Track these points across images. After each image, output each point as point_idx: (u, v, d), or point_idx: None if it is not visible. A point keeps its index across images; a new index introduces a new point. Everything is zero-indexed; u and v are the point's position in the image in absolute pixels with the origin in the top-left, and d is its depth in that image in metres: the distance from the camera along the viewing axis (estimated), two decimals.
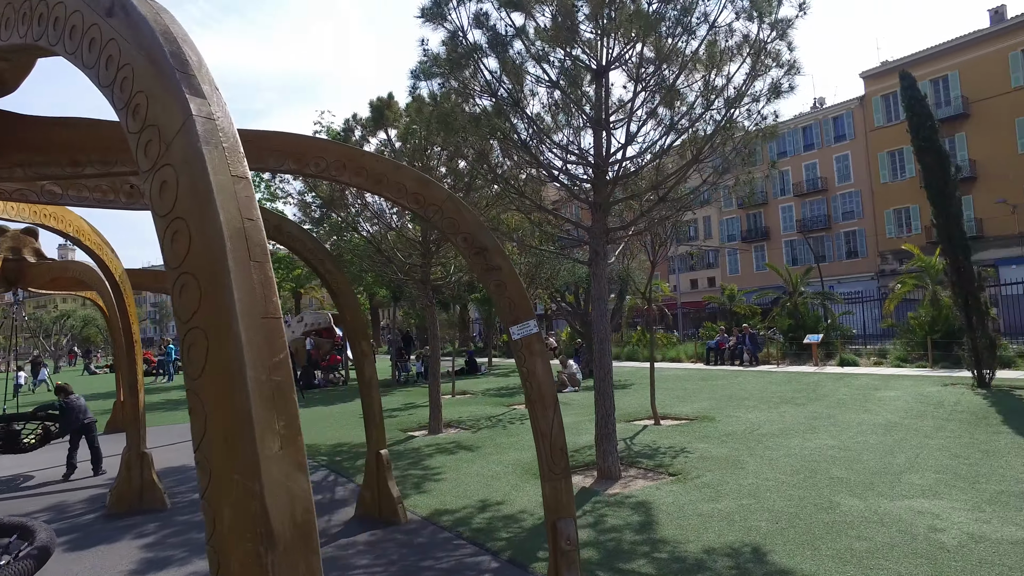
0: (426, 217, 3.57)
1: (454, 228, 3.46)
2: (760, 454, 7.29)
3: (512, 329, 3.48)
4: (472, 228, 3.45)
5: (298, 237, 5.25)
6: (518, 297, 3.48)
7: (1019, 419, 8.59)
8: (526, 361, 3.46)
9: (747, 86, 6.44)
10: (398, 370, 21.11)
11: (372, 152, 3.29)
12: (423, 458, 8.40)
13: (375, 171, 3.43)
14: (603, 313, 6.79)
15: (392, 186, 3.43)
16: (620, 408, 11.86)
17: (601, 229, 6.77)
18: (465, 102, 6.53)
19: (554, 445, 3.45)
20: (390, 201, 8.81)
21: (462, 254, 3.63)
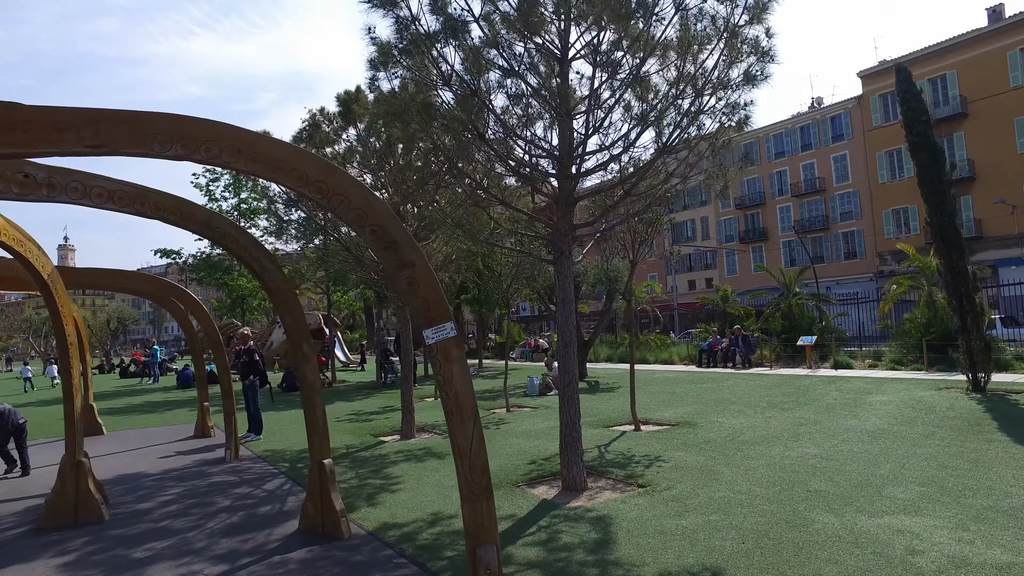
0: (331, 209, 3.19)
1: (362, 219, 3.08)
2: (737, 463, 6.89)
3: (426, 332, 3.10)
4: (382, 220, 3.07)
5: (229, 233, 4.87)
6: (433, 297, 3.10)
7: (1013, 426, 8.19)
8: (442, 368, 3.08)
9: (720, 73, 6.05)
10: (384, 372, 20.72)
11: (270, 136, 2.91)
12: (387, 465, 8.01)
13: (273, 157, 3.04)
14: (569, 315, 6.40)
15: (292, 174, 3.05)
16: (602, 412, 11.50)
17: (566, 226, 6.39)
18: (420, 93, 6.14)
19: (474, 463, 3.07)
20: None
21: (371, 248, 3.25)
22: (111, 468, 8.64)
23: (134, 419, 14.26)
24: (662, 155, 6.31)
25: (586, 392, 15.15)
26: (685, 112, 6.26)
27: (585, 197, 6.67)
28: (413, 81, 6.28)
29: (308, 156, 3.11)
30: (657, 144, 6.09)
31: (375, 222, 3.08)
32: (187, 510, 6.41)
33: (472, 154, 6.08)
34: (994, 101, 34.91)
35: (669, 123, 6.23)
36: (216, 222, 4.79)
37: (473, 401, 3.17)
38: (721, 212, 51.96)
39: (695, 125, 6.44)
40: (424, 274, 3.11)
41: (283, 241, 11.07)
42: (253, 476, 7.94)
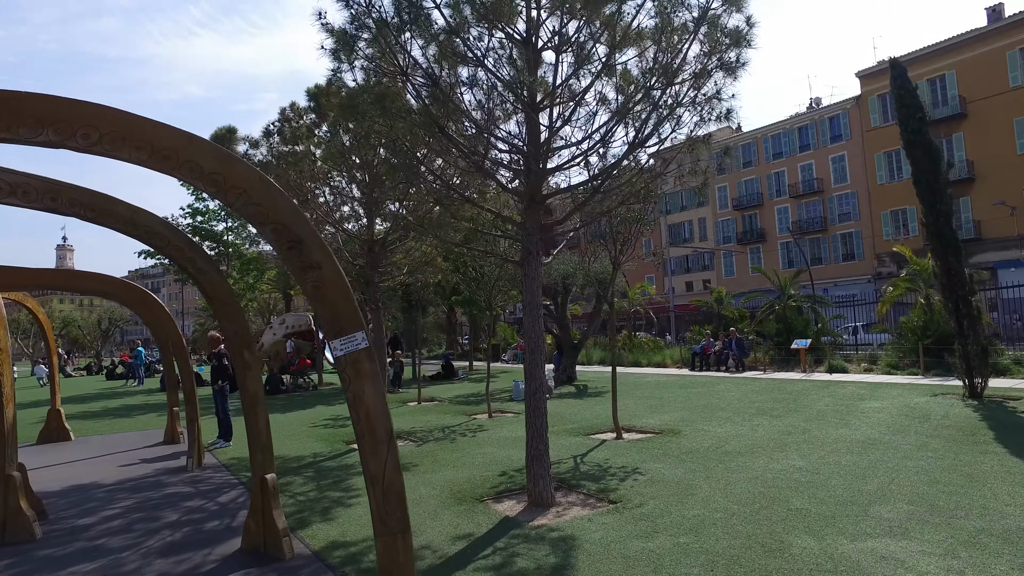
0: (228, 204, 2.81)
1: (262, 217, 2.70)
2: (717, 477, 6.49)
3: (334, 343, 2.71)
4: (284, 216, 2.70)
5: (158, 232, 4.49)
6: (343, 302, 2.72)
7: (1010, 435, 7.80)
8: (351, 384, 2.69)
9: (695, 62, 5.68)
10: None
11: (159, 121, 2.51)
12: (350, 476, 7.61)
13: (162, 146, 2.66)
14: (535, 320, 6.01)
15: (184, 165, 2.66)
16: (585, 419, 11.11)
17: (535, 225, 6.00)
18: (379, 84, 5.76)
19: (388, 492, 2.70)
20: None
21: (274, 248, 2.87)
22: (65, 478, 8.25)
23: (106, 424, 13.87)
24: (634, 150, 5.92)
25: (573, 396, 14.77)
26: (656, 102, 5.88)
27: (554, 195, 6.28)
28: (372, 72, 5.91)
29: (202, 144, 2.73)
30: (629, 138, 5.69)
31: (277, 219, 2.71)
32: (130, 526, 6.02)
33: (432, 149, 5.69)
34: (993, 101, 34.54)
35: (640, 115, 5.84)
36: (142, 219, 4.40)
37: (387, 422, 2.78)
38: (719, 213, 51.58)
39: (672, 119, 6.07)
40: (333, 277, 2.73)
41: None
42: (211, 487, 7.55)
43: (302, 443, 10.09)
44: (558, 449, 8.48)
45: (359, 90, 5.64)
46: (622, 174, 6.09)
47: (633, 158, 6.12)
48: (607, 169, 5.85)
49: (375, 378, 2.77)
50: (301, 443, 10.10)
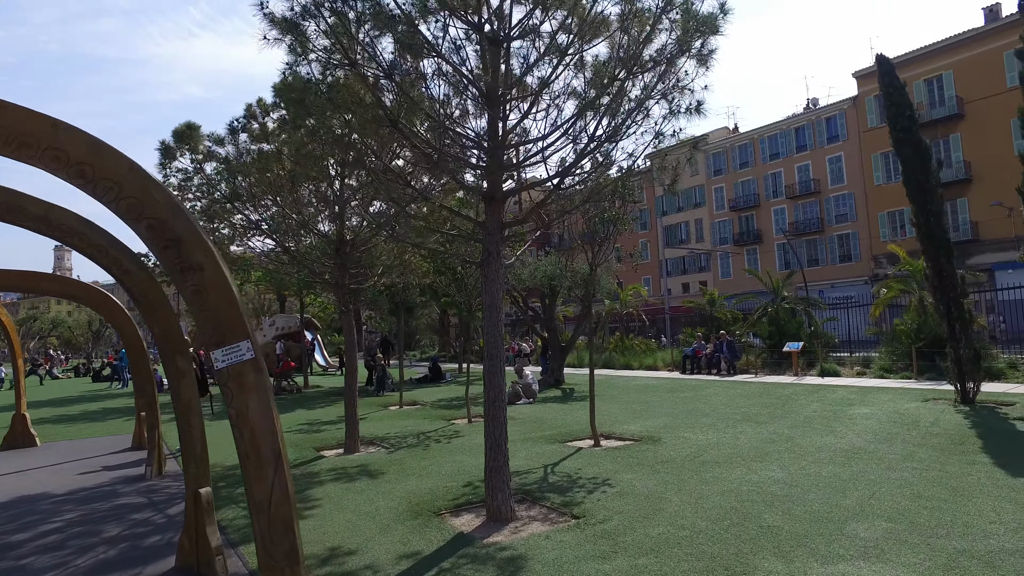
0: (98, 198, 2.48)
1: (137, 212, 2.40)
2: (690, 489, 6.17)
3: (215, 353, 2.40)
4: (162, 211, 2.39)
5: (75, 230, 4.17)
6: (227, 308, 2.41)
7: (999, 444, 7.47)
8: (234, 399, 2.38)
9: (662, 51, 5.36)
10: (373, 376, 19.68)
11: (18, 105, 2.20)
12: (312, 485, 7.28)
13: (21, 131, 2.34)
14: (495, 324, 5.69)
15: (47, 153, 2.35)
16: (564, 425, 10.78)
17: (495, 224, 5.67)
18: (329, 75, 5.44)
19: (274, 520, 2.36)
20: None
21: (148, 248, 2.55)
22: (15, 488, 7.93)
23: (79, 428, 13.53)
24: (600, 145, 5.60)
25: (558, 400, 14.43)
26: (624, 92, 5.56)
27: (515, 192, 5.96)
28: (326, 65, 5.59)
29: (69, 130, 2.41)
30: (590, 131, 5.37)
31: (154, 215, 2.40)
32: (65, 542, 5.69)
33: (386, 144, 5.37)
34: (991, 102, 34.23)
35: (605, 107, 5.52)
36: (57, 216, 4.08)
37: (275, 441, 2.46)
38: (715, 214, 51.29)
39: (642, 111, 5.76)
40: (216, 280, 2.42)
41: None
42: (164, 497, 7.22)
43: None
44: (531, 457, 8.16)
45: (305, 83, 5.31)
46: (587, 171, 5.76)
47: (598, 154, 5.78)
48: (568, 166, 5.53)
49: (262, 392, 2.45)
50: None
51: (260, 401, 2.40)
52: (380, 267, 10.36)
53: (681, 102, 5.75)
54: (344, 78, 5.45)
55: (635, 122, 5.75)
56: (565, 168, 5.50)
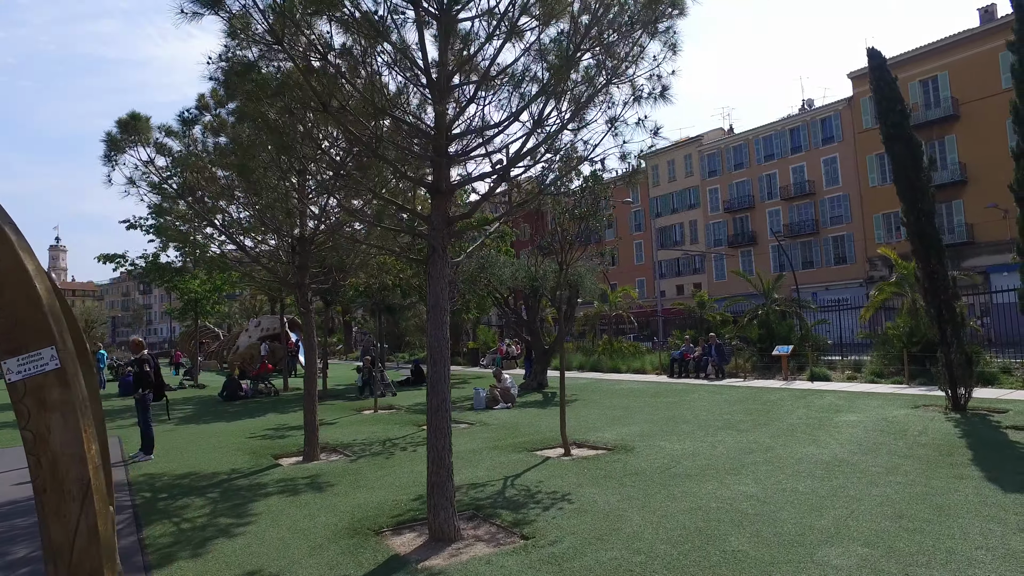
0: None
1: None
2: (655, 506, 5.70)
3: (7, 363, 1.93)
4: None
5: None
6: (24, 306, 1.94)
7: (989, 455, 7.02)
8: (32, 419, 1.92)
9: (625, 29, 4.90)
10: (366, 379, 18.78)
11: None
12: (257, 497, 6.79)
13: None
14: (439, 326, 5.22)
15: None
16: (537, 432, 10.30)
17: (442, 219, 5.20)
18: (263, 59, 4.97)
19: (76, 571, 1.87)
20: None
21: None
22: None
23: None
24: (557, 133, 5.14)
25: (537, 405, 13.96)
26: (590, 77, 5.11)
27: (464, 184, 5.49)
28: (263, 44, 5.11)
29: None
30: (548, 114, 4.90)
31: None
32: None
33: (318, 129, 4.90)
34: (986, 103, 33.87)
35: (563, 92, 5.06)
36: None
37: (83, 471, 1.99)
38: (710, 215, 50.90)
39: (603, 94, 5.30)
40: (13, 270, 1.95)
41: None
42: None
43: (227, 456, 9.27)
44: (494, 468, 7.68)
45: (231, 67, 4.84)
46: (543, 161, 5.30)
47: (557, 143, 5.32)
48: (515, 154, 5.06)
49: (69, 411, 1.98)
50: (226, 456, 9.28)
51: (66, 422, 1.93)
52: (348, 267, 9.88)
53: (645, 88, 5.30)
54: (273, 61, 4.98)
55: (595, 105, 5.30)
56: (513, 157, 5.03)
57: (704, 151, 51.27)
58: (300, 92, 4.89)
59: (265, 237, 9.05)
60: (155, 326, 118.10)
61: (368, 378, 18.51)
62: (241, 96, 5.00)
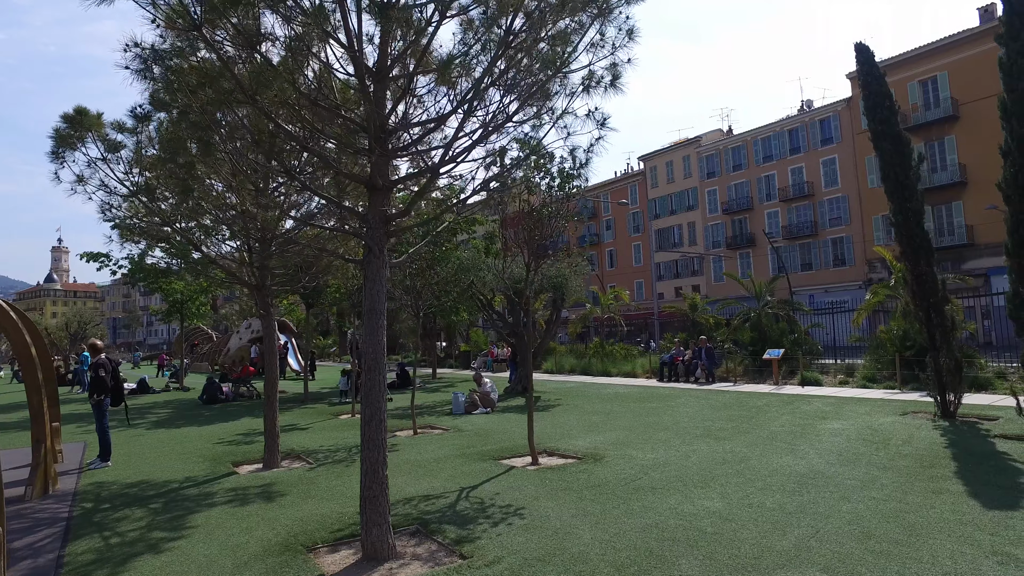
0: None
1: None
2: (610, 522, 5.35)
3: None
4: None
5: None
6: None
7: (973, 467, 6.65)
8: None
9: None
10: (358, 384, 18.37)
11: None
12: (198, 509, 6.45)
13: None
14: (375, 330, 4.88)
15: None
16: (510, 439, 9.94)
17: (379, 217, 4.87)
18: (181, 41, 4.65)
19: None
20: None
21: None
22: None
23: (8, 438, 12.72)
24: (501, 125, 4.80)
25: (518, 410, 13.59)
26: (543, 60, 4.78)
27: (405, 180, 5.15)
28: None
29: None
30: (472, 98, 4.56)
31: None
32: None
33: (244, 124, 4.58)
34: (987, 103, 33.39)
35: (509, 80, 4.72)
36: None
37: None
38: (708, 217, 50.51)
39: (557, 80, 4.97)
40: None
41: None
42: (28, 524, 6.39)
43: (186, 463, 8.95)
44: (454, 478, 7.33)
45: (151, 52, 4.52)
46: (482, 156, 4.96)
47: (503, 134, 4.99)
48: (449, 147, 4.72)
49: None
50: (185, 463, 8.96)
51: None
52: (314, 268, 9.56)
53: (602, 75, 4.97)
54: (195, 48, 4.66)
55: (543, 97, 4.96)
56: (447, 150, 4.69)
57: (703, 152, 50.91)
58: (226, 83, 4.56)
59: (224, 238, 8.71)
60: (155, 327, 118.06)
61: (358, 379, 18.01)
62: (161, 87, 4.68)
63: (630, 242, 57.37)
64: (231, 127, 4.82)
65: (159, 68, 4.57)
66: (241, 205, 6.28)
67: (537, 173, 6.66)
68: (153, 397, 20.36)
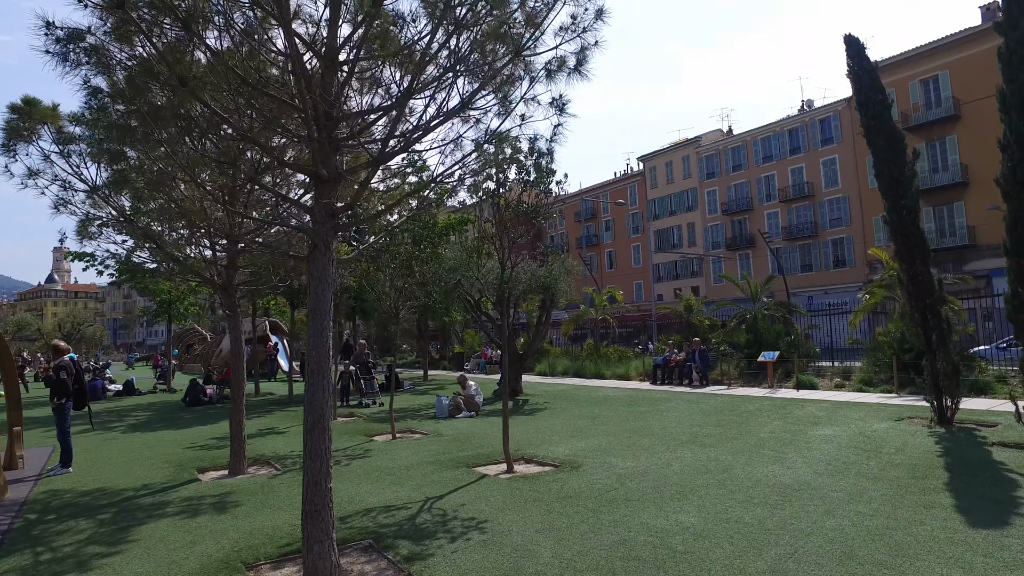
0: None
1: None
2: (574, 539, 4.98)
3: None
4: None
5: None
6: None
7: (967, 479, 6.27)
8: None
9: None
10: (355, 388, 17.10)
11: None
12: (147, 520, 6.09)
13: None
14: (320, 332, 4.53)
15: None
16: (489, 445, 9.59)
17: (326, 211, 4.52)
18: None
19: None
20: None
21: None
22: None
23: None
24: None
25: (500, 415, 13.18)
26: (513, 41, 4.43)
27: (356, 171, 4.79)
28: None
29: None
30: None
31: None
32: None
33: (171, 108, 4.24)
34: (989, 103, 32.87)
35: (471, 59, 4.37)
36: None
37: None
38: (708, 218, 50.12)
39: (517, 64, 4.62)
40: None
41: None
42: None
43: (149, 469, 8.61)
44: (421, 487, 6.97)
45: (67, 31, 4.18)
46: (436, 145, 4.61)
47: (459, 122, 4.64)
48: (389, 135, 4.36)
49: None
50: (148, 469, 8.61)
51: None
52: (284, 267, 9.21)
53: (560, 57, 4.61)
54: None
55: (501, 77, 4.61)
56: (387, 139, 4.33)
57: (702, 152, 50.53)
58: (154, 65, 4.22)
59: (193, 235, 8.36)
60: (155, 328, 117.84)
61: (347, 384, 17.28)
62: (90, 72, 4.34)
63: (629, 243, 57.00)
64: (163, 111, 4.48)
65: (82, 50, 4.22)
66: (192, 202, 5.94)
67: (505, 165, 6.31)
68: (137, 399, 20.04)
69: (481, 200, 6.93)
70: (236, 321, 8.54)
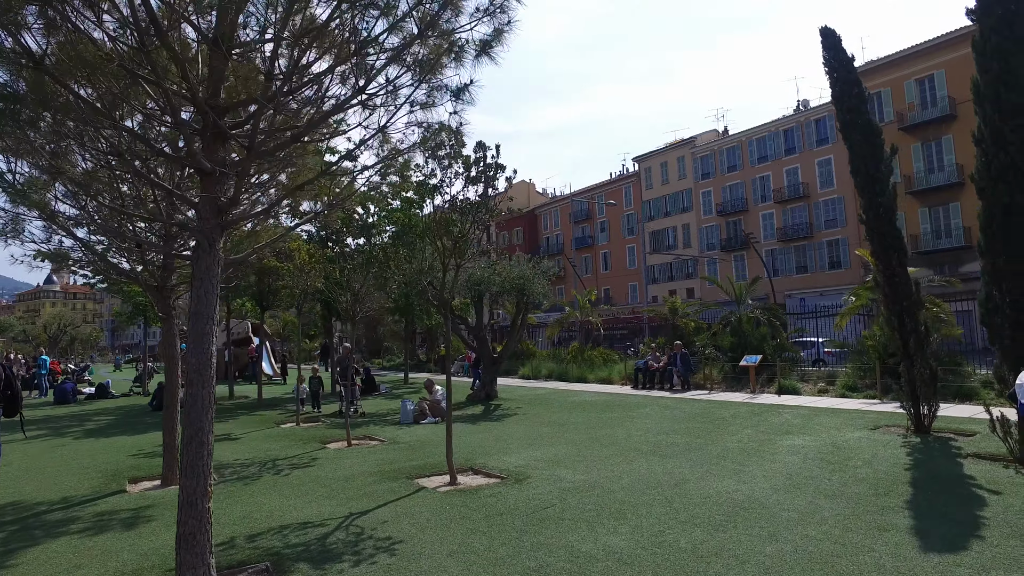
0: None
1: None
2: (486, 565, 4.53)
3: None
4: None
5: None
6: None
7: (932, 496, 5.81)
8: None
9: None
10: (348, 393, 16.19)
11: None
12: (44, 539, 5.65)
13: None
14: (202, 336, 4.09)
15: None
16: (438, 454, 9.11)
17: (211, 207, 4.09)
18: None
19: None
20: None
21: None
22: None
23: None
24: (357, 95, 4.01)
25: (471, 420, 12.77)
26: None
27: (250, 162, 4.35)
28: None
29: None
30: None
31: None
32: None
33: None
34: None
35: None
36: None
37: None
38: (703, 219, 49.62)
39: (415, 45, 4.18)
40: None
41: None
42: None
43: (80, 479, 8.18)
44: (347, 500, 6.53)
45: None
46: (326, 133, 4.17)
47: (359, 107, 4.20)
48: (255, 125, 3.92)
49: None
50: (79, 479, 8.18)
51: None
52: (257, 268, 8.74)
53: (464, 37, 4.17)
54: None
55: (403, 63, 4.17)
56: (270, 128, 3.90)
57: (697, 153, 50.06)
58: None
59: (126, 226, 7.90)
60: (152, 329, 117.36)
61: (316, 390, 16.56)
62: None
63: (624, 244, 56.52)
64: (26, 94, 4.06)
65: None
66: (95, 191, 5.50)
67: (425, 161, 5.88)
68: (108, 402, 19.62)
69: (419, 195, 6.48)
70: (170, 324, 8.10)
